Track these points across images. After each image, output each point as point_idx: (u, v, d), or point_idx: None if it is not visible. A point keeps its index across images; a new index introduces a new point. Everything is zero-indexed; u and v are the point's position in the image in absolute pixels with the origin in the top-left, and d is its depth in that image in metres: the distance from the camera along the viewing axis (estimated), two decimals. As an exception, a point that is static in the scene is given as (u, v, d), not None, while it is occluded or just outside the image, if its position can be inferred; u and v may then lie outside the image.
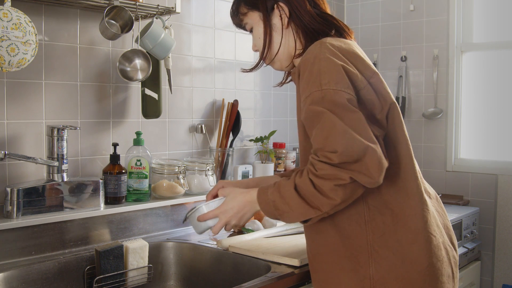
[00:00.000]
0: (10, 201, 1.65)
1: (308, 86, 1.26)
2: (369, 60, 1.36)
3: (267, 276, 1.55)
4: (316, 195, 1.22)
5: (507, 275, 2.75)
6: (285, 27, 1.42)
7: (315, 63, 1.27)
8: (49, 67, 1.83)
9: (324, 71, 1.24)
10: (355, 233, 1.31)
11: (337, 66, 1.25)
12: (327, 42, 1.32)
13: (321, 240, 1.37)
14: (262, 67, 1.58)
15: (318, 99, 1.23)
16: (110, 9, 1.82)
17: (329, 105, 1.21)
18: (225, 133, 2.37)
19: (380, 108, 1.30)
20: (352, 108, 1.21)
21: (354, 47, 1.36)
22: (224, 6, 2.44)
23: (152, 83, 2.06)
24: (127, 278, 1.70)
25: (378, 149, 1.19)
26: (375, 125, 1.27)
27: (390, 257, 1.29)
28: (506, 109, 2.78)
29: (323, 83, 1.23)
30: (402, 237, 1.29)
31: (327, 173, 1.19)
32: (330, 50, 1.28)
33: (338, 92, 1.21)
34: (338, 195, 1.20)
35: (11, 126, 1.75)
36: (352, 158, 1.17)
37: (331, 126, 1.19)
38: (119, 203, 1.91)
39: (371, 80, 1.30)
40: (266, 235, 1.94)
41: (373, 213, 1.31)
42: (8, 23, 1.54)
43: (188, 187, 2.13)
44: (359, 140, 1.17)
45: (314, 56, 1.29)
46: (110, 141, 2.00)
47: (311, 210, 1.25)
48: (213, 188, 1.56)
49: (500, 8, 2.82)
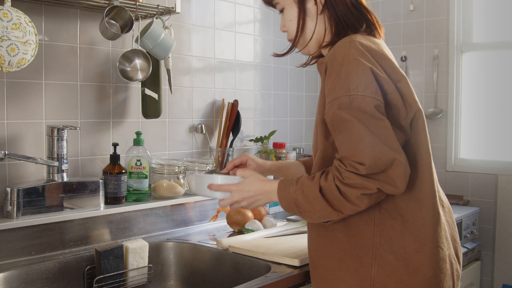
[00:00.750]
0: (10, 201, 1.65)
1: (336, 88, 1.24)
2: (396, 63, 1.32)
3: (267, 276, 1.55)
4: (341, 200, 1.23)
5: (507, 275, 2.75)
6: (319, 13, 1.37)
7: (344, 64, 1.24)
8: (49, 67, 1.83)
9: (352, 75, 1.22)
10: (363, 233, 1.30)
11: (366, 69, 1.22)
12: (356, 41, 1.28)
13: (327, 235, 1.35)
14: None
15: (345, 104, 1.21)
16: (110, 9, 1.82)
17: (357, 112, 1.20)
18: (225, 133, 2.37)
19: (405, 114, 1.27)
20: (379, 115, 1.20)
21: (384, 48, 1.33)
22: (224, 6, 2.44)
23: (152, 83, 2.06)
24: (127, 278, 1.70)
25: (404, 158, 1.20)
26: (399, 131, 1.26)
27: (393, 262, 1.28)
28: (506, 109, 2.78)
29: (351, 87, 1.21)
30: (409, 244, 1.28)
31: (354, 182, 1.20)
32: (360, 51, 1.25)
33: (366, 98, 1.20)
34: (364, 202, 1.23)
35: (11, 126, 1.75)
36: (379, 170, 1.19)
37: (359, 137, 1.19)
38: (119, 203, 1.91)
39: (398, 84, 1.27)
40: (266, 235, 1.94)
41: (383, 216, 1.29)
42: (8, 23, 1.54)
43: (188, 187, 2.13)
44: (386, 151, 1.18)
45: (343, 56, 1.26)
46: (110, 141, 2.00)
47: (333, 213, 1.26)
48: (237, 158, 1.58)
49: (500, 8, 2.82)
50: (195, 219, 2.16)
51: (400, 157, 1.19)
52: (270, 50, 2.70)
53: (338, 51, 1.28)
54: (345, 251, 1.32)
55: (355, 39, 1.29)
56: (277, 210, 2.53)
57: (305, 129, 2.94)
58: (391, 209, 1.29)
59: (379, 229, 1.29)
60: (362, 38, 1.31)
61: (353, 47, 1.26)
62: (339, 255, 1.33)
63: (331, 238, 1.35)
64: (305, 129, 2.94)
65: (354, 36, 1.32)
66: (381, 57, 1.27)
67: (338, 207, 1.24)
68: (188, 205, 2.13)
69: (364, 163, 1.18)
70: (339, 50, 1.28)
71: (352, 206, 1.24)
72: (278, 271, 1.59)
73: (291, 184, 1.31)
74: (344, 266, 1.32)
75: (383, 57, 1.28)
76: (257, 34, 2.62)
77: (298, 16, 1.38)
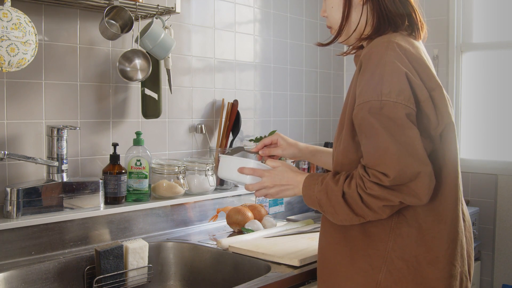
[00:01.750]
0: (10, 201, 1.65)
1: (368, 90, 1.21)
2: (433, 69, 1.28)
3: (267, 276, 1.55)
4: (363, 208, 1.23)
5: (507, 275, 2.75)
6: (363, 3, 1.33)
7: (379, 66, 1.21)
8: (49, 67, 1.83)
9: (386, 78, 1.19)
10: (378, 235, 1.28)
11: (401, 73, 1.19)
12: (395, 42, 1.24)
13: (342, 230, 1.33)
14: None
15: (376, 110, 1.19)
16: (110, 9, 1.82)
17: (386, 120, 1.18)
18: (225, 133, 2.37)
19: (436, 125, 1.23)
20: (409, 124, 1.17)
21: (422, 52, 1.29)
22: (224, 6, 2.44)
23: (152, 83, 2.06)
24: (127, 278, 1.70)
25: (429, 170, 1.18)
26: (428, 140, 1.23)
27: (403, 270, 1.26)
28: (506, 109, 2.78)
29: (384, 92, 1.18)
30: (421, 255, 1.26)
31: (377, 194, 1.20)
32: (397, 53, 1.22)
33: (398, 105, 1.17)
34: (386, 212, 1.23)
35: (11, 126, 1.75)
36: (403, 182, 1.18)
37: (385, 147, 1.18)
38: (119, 203, 1.90)
39: (432, 93, 1.23)
40: (266, 235, 1.94)
41: (401, 222, 1.27)
42: (8, 23, 1.54)
43: (188, 187, 2.13)
44: (411, 164, 1.17)
45: (379, 56, 1.22)
46: (110, 141, 2.00)
47: (355, 218, 1.26)
48: (268, 137, 1.61)
49: (500, 8, 2.82)
50: (195, 219, 2.16)
51: (425, 169, 1.17)
52: (270, 50, 2.70)
53: (375, 50, 1.24)
54: (357, 250, 1.30)
55: (394, 39, 1.25)
56: (277, 210, 2.53)
57: (305, 129, 2.94)
58: (410, 216, 1.26)
59: (394, 234, 1.27)
60: (402, 39, 1.27)
61: (390, 48, 1.23)
62: (351, 253, 1.31)
63: (345, 234, 1.33)
64: (305, 129, 2.94)
65: (394, 35, 1.28)
66: (418, 62, 1.23)
67: (360, 213, 1.24)
68: (188, 205, 2.13)
69: (389, 175, 1.17)
70: (376, 50, 1.24)
71: (373, 214, 1.24)
72: (278, 271, 1.59)
73: (316, 184, 1.31)
74: (354, 264, 1.30)
75: (420, 62, 1.24)
76: (257, 34, 2.62)
77: (344, 5, 1.35)
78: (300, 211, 2.66)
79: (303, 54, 2.90)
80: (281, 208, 2.56)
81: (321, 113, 3.05)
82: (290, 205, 2.61)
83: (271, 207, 2.50)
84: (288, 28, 2.80)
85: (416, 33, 1.35)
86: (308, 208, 2.70)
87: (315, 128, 3.01)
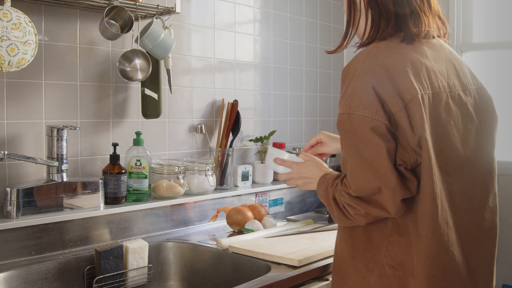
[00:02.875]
0: (10, 201, 1.65)
1: (342, 102, 1.26)
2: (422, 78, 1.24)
3: (267, 276, 1.55)
4: (346, 214, 1.29)
5: (507, 275, 2.75)
6: (364, 8, 1.33)
7: (352, 80, 1.24)
8: (49, 67, 1.83)
9: (356, 93, 1.22)
10: (376, 240, 1.30)
11: (368, 88, 1.20)
12: (374, 54, 1.25)
13: (350, 230, 1.37)
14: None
15: (345, 123, 1.24)
16: (110, 9, 1.82)
17: (352, 134, 1.23)
18: (225, 133, 2.37)
19: (412, 136, 1.21)
20: (374, 138, 1.19)
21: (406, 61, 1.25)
22: (224, 6, 2.44)
23: (152, 83, 2.06)
24: (127, 278, 1.70)
25: (393, 184, 1.19)
26: (410, 151, 1.21)
27: (390, 277, 1.27)
28: (506, 109, 2.77)
29: (352, 106, 1.22)
30: (406, 266, 1.26)
31: (347, 202, 1.26)
32: (371, 66, 1.22)
33: (365, 118, 1.20)
34: (361, 221, 1.28)
35: (11, 126, 1.75)
36: (365, 194, 1.23)
37: (347, 160, 1.25)
38: (119, 203, 1.91)
39: (409, 104, 1.20)
40: (266, 235, 1.94)
41: (394, 230, 1.28)
42: (8, 23, 1.54)
43: (188, 187, 2.13)
44: (370, 180, 1.20)
45: (354, 69, 1.25)
46: (110, 141, 2.00)
47: (346, 221, 1.31)
48: (313, 138, 1.71)
49: (500, 8, 2.82)
50: (195, 219, 2.16)
51: (387, 184, 1.19)
52: (270, 50, 2.70)
53: (352, 63, 1.27)
54: (358, 250, 1.34)
55: (375, 51, 1.25)
56: (277, 210, 2.53)
57: (305, 129, 2.94)
58: (402, 226, 1.26)
59: (387, 241, 1.28)
60: (385, 48, 1.26)
61: (366, 61, 1.24)
62: (353, 253, 1.35)
63: (352, 233, 1.36)
64: (305, 129, 2.94)
65: (379, 44, 1.28)
66: (397, 74, 1.22)
67: (348, 216, 1.29)
68: (188, 205, 2.13)
69: (351, 187, 1.24)
70: (353, 63, 1.27)
71: (352, 220, 1.29)
72: (278, 271, 1.59)
73: (323, 183, 1.37)
74: (354, 264, 1.34)
75: (400, 73, 1.22)
76: (257, 34, 2.62)
77: (348, 10, 1.37)
78: (300, 211, 2.66)
79: (303, 54, 2.90)
80: (281, 208, 2.56)
81: (321, 113, 3.05)
82: (290, 205, 2.61)
83: (271, 207, 2.51)
84: (288, 28, 2.80)
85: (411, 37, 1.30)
86: (308, 208, 2.71)
87: (315, 128, 3.01)
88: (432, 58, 1.29)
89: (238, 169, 2.42)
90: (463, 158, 1.29)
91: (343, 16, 3.18)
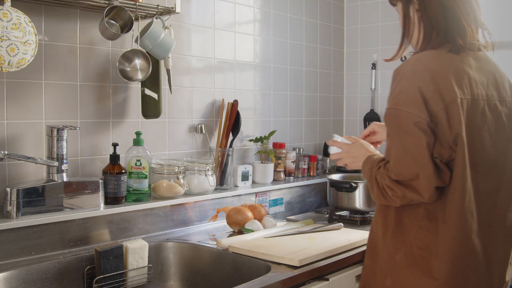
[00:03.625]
0: (10, 201, 1.65)
1: (390, 99, 1.43)
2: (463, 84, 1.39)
3: (267, 276, 1.55)
4: (384, 192, 1.43)
5: (507, 275, 2.75)
6: (417, 20, 1.50)
7: (402, 80, 1.40)
8: (49, 67, 1.83)
9: (403, 91, 1.38)
10: (407, 223, 1.44)
11: (415, 88, 1.36)
12: (423, 60, 1.42)
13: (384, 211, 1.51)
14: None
15: (392, 116, 1.41)
16: (110, 9, 1.82)
17: (397, 126, 1.39)
18: (225, 133, 2.37)
19: (449, 134, 1.36)
20: (416, 131, 1.34)
21: (449, 68, 1.40)
22: (224, 6, 2.44)
23: (152, 83, 2.06)
24: (127, 278, 1.70)
25: (430, 172, 1.34)
26: (447, 147, 1.36)
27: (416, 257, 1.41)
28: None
29: (399, 102, 1.38)
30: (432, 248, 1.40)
31: (387, 184, 1.40)
32: (419, 70, 1.39)
33: (409, 114, 1.35)
34: (397, 202, 1.42)
35: (11, 126, 1.75)
36: (404, 179, 1.37)
37: (394, 148, 1.40)
38: (119, 203, 1.91)
39: (449, 105, 1.36)
40: (266, 235, 1.94)
41: (424, 216, 1.42)
42: (8, 23, 1.54)
43: (188, 187, 2.13)
44: (410, 166, 1.36)
45: (404, 71, 1.41)
46: (110, 141, 2.00)
47: (383, 199, 1.45)
48: (366, 129, 1.84)
49: (500, 8, 2.82)
50: (195, 219, 2.16)
51: (424, 171, 1.34)
52: (270, 50, 2.70)
53: (404, 65, 1.44)
54: (389, 231, 1.48)
55: (423, 58, 1.43)
56: (277, 210, 2.53)
57: (305, 129, 2.94)
58: (432, 212, 1.41)
59: (417, 225, 1.43)
60: (433, 56, 1.43)
61: (416, 65, 1.41)
62: (384, 232, 1.50)
63: (385, 214, 1.51)
64: (305, 129, 2.94)
65: (428, 52, 1.45)
66: (440, 77, 1.38)
67: (385, 195, 1.43)
68: (188, 205, 2.13)
69: (393, 171, 1.39)
70: (405, 65, 1.44)
71: (389, 200, 1.43)
72: (278, 271, 1.59)
73: (368, 162, 1.52)
74: (384, 241, 1.49)
75: (442, 77, 1.38)
76: (257, 34, 2.62)
77: (403, 22, 1.55)
78: (300, 211, 2.66)
79: (303, 54, 2.90)
80: (281, 208, 2.56)
81: (321, 113, 3.05)
82: (290, 205, 2.61)
83: (271, 207, 2.51)
84: (288, 28, 2.80)
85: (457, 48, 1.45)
86: (308, 208, 2.71)
87: (315, 128, 3.01)
88: (475, 68, 1.46)
89: (238, 169, 2.42)
90: (492, 161, 1.44)
91: (343, 16, 3.18)
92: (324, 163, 2.95)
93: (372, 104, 3.07)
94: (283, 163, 2.64)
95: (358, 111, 3.16)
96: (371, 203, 2.27)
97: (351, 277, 1.80)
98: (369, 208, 2.29)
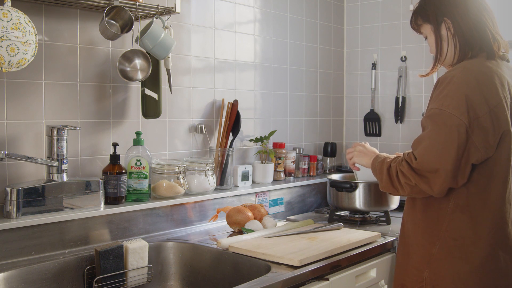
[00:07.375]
0: (10, 201, 1.65)
1: (435, 101, 1.53)
2: (506, 88, 1.53)
3: (267, 276, 1.55)
4: (394, 181, 1.57)
5: None
6: (451, 37, 1.62)
7: (449, 85, 1.52)
8: (49, 67, 1.83)
9: (449, 95, 1.50)
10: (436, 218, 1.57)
11: (461, 94, 1.48)
12: (468, 68, 1.54)
13: (412, 207, 1.65)
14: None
15: (436, 115, 1.51)
16: (110, 9, 1.82)
17: (438, 124, 1.50)
18: (225, 133, 2.37)
19: (493, 134, 1.49)
20: (452, 132, 1.47)
21: (494, 72, 1.54)
22: (224, 6, 2.44)
23: (152, 83, 2.06)
24: (127, 278, 1.70)
25: (449, 171, 1.46)
26: (481, 149, 1.48)
27: (452, 247, 1.54)
28: (506, 109, 2.78)
29: (444, 104, 1.50)
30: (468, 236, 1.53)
31: (404, 171, 1.54)
32: (466, 77, 1.51)
33: (452, 116, 1.47)
34: (406, 190, 1.56)
35: (11, 126, 1.75)
36: (424, 169, 1.49)
37: (427, 138, 1.52)
38: (119, 203, 1.91)
39: (494, 108, 1.49)
40: (266, 235, 1.94)
41: (455, 209, 1.54)
42: (8, 23, 1.54)
43: (188, 187, 2.13)
44: (434, 160, 1.48)
45: (451, 77, 1.53)
46: (110, 141, 2.00)
47: (391, 188, 1.60)
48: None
49: (500, 8, 2.82)
50: (195, 219, 2.16)
51: (445, 168, 1.46)
52: (270, 50, 2.70)
53: (451, 71, 1.56)
54: (420, 228, 1.61)
55: (469, 66, 1.55)
56: (277, 210, 2.53)
57: (305, 129, 2.94)
58: (463, 205, 1.54)
59: (449, 218, 1.55)
60: (476, 64, 1.56)
61: (463, 72, 1.53)
62: (415, 230, 1.63)
63: (413, 210, 1.64)
64: (305, 129, 2.94)
65: (470, 62, 1.57)
66: (485, 83, 1.51)
67: (394, 185, 1.57)
68: (188, 205, 2.13)
69: (416, 159, 1.51)
70: (452, 71, 1.55)
71: (399, 188, 1.56)
72: (278, 271, 1.59)
73: (379, 157, 1.68)
74: (416, 239, 1.62)
75: (487, 83, 1.51)
76: (257, 34, 2.62)
77: (436, 41, 1.65)
78: (300, 211, 2.66)
79: (303, 54, 2.90)
80: (281, 208, 2.56)
81: (321, 113, 3.05)
82: (290, 205, 2.61)
83: (271, 207, 2.51)
84: (288, 28, 2.80)
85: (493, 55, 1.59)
86: (308, 208, 2.71)
87: (315, 128, 3.01)
88: (508, 75, 1.59)
89: (238, 169, 2.42)
90: None
91: (343, 16, 3.18)
92: (324, 163, 2.95)
93: (372, 104, 3.07)
94: (283, 163, 2.64)
95: (358, 111, 3.16)
96: (371, 203, 2.27)
97: (351, 277, 1.80)
98: (369, 208, 2.29)
